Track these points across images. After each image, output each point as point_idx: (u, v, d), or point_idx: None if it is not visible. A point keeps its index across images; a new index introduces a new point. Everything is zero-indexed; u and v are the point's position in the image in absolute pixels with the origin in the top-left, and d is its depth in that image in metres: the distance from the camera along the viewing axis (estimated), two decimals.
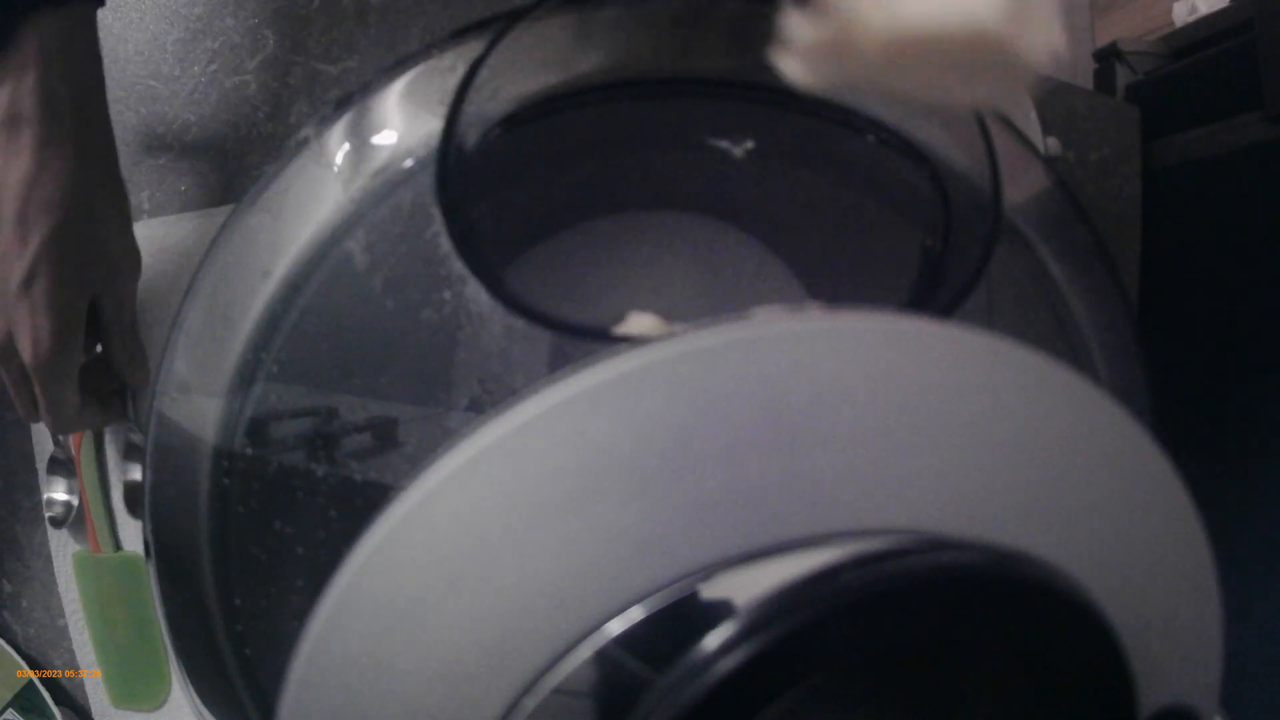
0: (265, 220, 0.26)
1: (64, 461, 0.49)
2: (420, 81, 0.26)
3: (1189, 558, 0.21)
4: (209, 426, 0.26)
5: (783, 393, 0.17)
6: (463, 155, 0.23)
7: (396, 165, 0.25)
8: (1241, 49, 0.50)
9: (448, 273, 0.23)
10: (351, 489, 0.25)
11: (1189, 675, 0.21)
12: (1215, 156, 0.52)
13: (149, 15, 0.50)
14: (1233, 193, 0.52)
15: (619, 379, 0.17)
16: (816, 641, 0.16)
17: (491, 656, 0.17)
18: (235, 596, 0.26)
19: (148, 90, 0.50)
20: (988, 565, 0.18)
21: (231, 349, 0.26)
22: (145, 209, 0.50)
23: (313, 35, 0.49)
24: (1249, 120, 0.49)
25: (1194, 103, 0.55)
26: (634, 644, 0.17)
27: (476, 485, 0.17)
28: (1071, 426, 0.19)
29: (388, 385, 0.26)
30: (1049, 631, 0.18)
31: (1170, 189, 0.54)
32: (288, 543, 0.25)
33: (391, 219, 0.25)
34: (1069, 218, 0.29)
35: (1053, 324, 0.28)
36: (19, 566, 0.51)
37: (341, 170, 0.26)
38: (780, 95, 0.27)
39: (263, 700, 0.26)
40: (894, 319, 0.19)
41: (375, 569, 0.18)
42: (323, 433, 0.26)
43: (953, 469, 0.18)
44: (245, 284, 0.26)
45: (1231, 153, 0.51)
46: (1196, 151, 0.53)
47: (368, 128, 0.26)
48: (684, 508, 0.17)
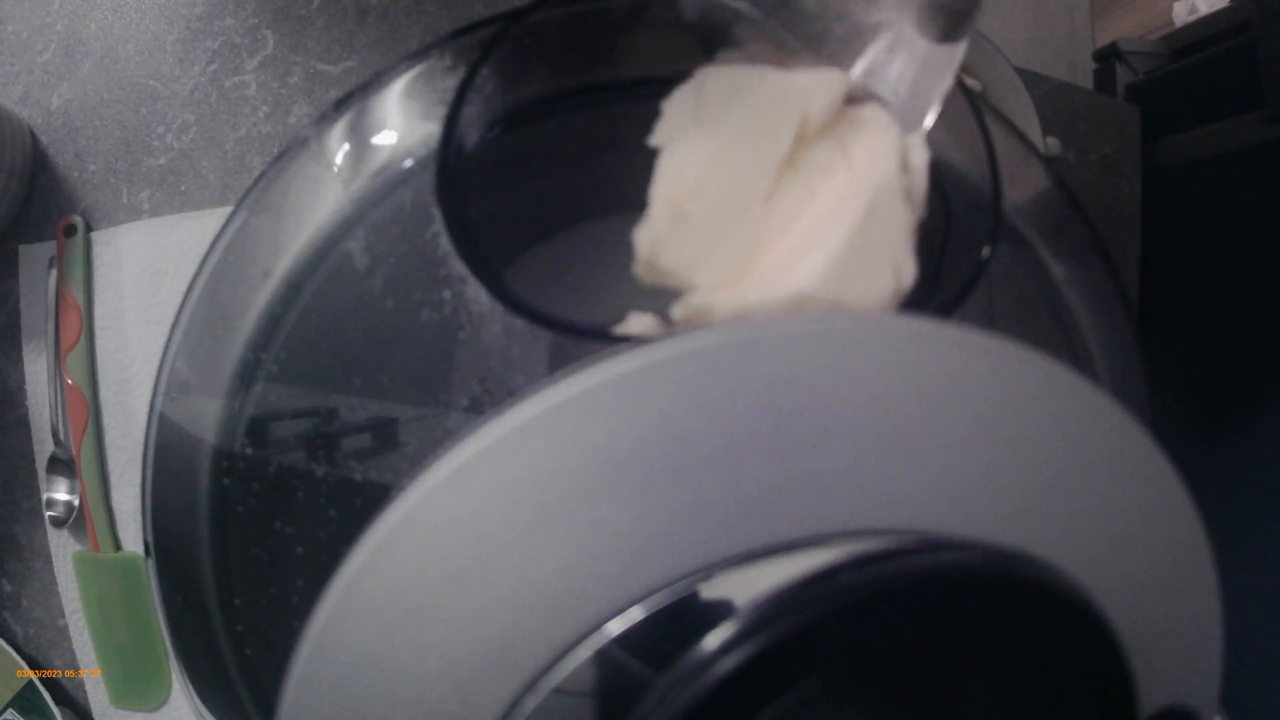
0: (265, 220, 0.26)
1: (64, 461, 0.49)
2: (420, 81, 0.26)
3: (1189, 558, 0.21)
4: (209, 426, 0.26)
5: (782, 393, 0.17)
6: (463, 155, 0.23)
7: (396, 165, 0.25)
8: (1241, 49, 0.50)
9: (448, 273, 0.23)
10: (351, 489, 0.25)
11: (1189, 675, 0.21)
12: (1215, 156, 0.52)
13: (149, 15, 0.50)
14: (1233, 192, 0.52)
15: (619, 379, 0.17)
16: (816, 641, 0.16)
17: (491, 656, 0.17)
18: (235, 596, 0.26)
19: (148, 90, 0.50)
20: (988, 565, 0.18)
21: (231, 349, 0.26)
22: (145, 209, 0.50)
23: (313, 35, 0.49)
24: (1249, 120, 0.49)
25: (1194, 103, 0.55)
26: (634, 644, 0.17)
27: (476, 485, 0.17)
28: (1071, 427, 0.19)
29: (388, 385, 0.26)
30: (1049, 631, 0.18)
31: (1170, 189, 0.54)
32: (288, 543, 0.25)
33: (391, 219, 0.25)
34: (1069, 218, 0.29)
35: (1053, 324, 0.28)
36: (19, 566, 0.51)
37: (341, 170, 0.26)
38: None
39: (263, 700, 0.26)
40: (894, 319, 0.19)
41: (375, 569, 0.18)
42: (323, 433, 0.26)
43: (952, 469, 0.18)
44: (245, 284, 0.26)
45: (1231, 153, 0.51)
46: (1196, 151, 0.53)
47: (368, 128, 0.26)
48: (684, 508, 0.17)
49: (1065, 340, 0.28)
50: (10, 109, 0.50)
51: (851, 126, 0.21)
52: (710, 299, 0.20)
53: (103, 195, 0.50)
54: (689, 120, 0.22)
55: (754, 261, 0.20)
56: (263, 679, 0.26)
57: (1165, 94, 0.60)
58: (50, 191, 0.51)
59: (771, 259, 0.20)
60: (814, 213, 0.20)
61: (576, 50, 0.26)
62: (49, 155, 0.51)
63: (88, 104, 0.51)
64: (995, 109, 0.28)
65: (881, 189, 0.20)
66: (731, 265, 0.20)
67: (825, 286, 0.19)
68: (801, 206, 0.20)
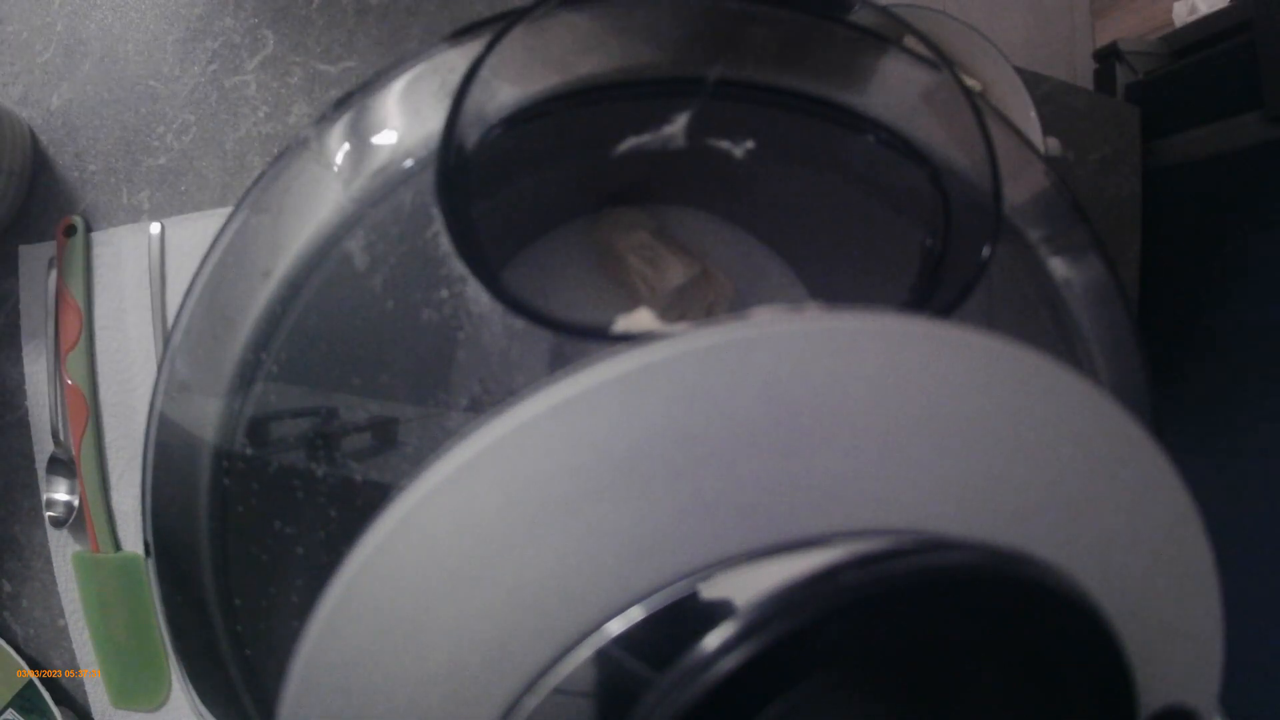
0: (265, 220, 0.26)
1: (64, 461, 0.49)
2: (420, 81, 0.26)
3: (1189, 558, 0.21)
4: (209, 426, 0.26)
5: (783, 392, 0.17)
6: (463, 155, 0.23)
7: (396, 165, 0.25)
8: (1241, 49, 0.50)
9: (448, 273, 0.23)
10: (351, 489, 0.25)
11: (1189, 675, 0.21)
12: (1215, 156, 0.52)
13: (149, 15, 0.50)
14: (1233, 193, 0.52)
15: (619, 379, 0.17)
16: (816, 641, 0.16)
17: (491, 656, 0.17)
18: (235, 596, 0.26)
19: (148, 90, 0.50)
20: (988, 565, 0.18)
21: (231, 349, 0.26)
22: (145, 209, 0.50)
23: (313, 35, 0.49)
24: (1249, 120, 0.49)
25: (1194, 103, 0.55)
26: (634, 644, 0.17)
27: (477, 485, 0.17)
28: (1072, 427, 0.19)
29: (388, 385, 0.26)
30: (1049, 631, 0.18)
31: (1170, 189, 0.54)
32: (288, 543, 0.25)
33: (391, 219, 0.25)
34: (1069, 218, 0.28)
35: (1053, 324, 0.28)
36: (19, 566, 0.51)
37: (341, 170, 0.26)
38: (780, 95, 0.27)
39: (263, 700, 0.26)
40: (894, 319, 0.19)
41: (375, 569, 0.18)
42: (323, 433, 0.26)
43: (952, 469, 0.18)
44: (245, 284, 0.26)
45: (1231, 153, 0.51)
46: (1196, 151, 0.53)
47: (368, 128, 0.26)
48: (684, 507, 0.17)
49: (1065, 340, 0.28)
50: (10, 109, 0.50)
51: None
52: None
53: (103, 195, 0.50)
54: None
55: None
56: (263, 679, 0.26)
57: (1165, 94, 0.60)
58: (50, 191, 0.51)
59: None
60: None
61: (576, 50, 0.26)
62: (49, 155, 0.51)
63: (88, 104, 0.51)
64: (995, 109, 0.28)
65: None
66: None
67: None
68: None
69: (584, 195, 0.36)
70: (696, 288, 0.36)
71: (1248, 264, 0.50)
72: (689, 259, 0.36)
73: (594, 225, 0.37)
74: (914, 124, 0.27)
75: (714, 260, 0.37)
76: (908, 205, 0.29)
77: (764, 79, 0.27)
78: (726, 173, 0.29)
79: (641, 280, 0.36)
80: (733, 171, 0.28)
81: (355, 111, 0.26)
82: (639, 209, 0.37)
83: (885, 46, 0.27)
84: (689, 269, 0.36)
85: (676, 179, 0.35)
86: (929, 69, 0.26)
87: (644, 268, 0.36)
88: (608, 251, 0.36)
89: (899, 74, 0.27)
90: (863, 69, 0.27)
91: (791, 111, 0.28)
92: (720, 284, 0.37)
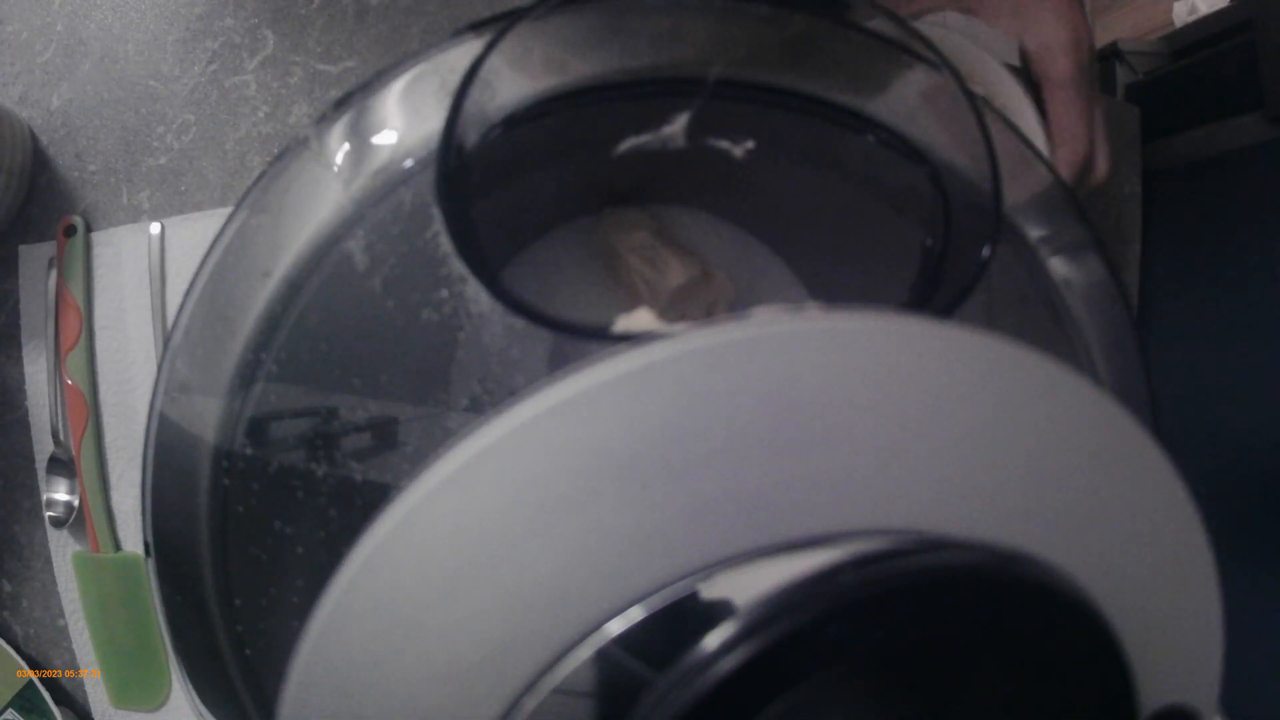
0: (265, 220, 0.26)
1: (64, 461, 0.49)
2: (420, 81, 0.26)
3: (1189, 558, 0.21)
4: (209, 426, 0.26)
5: (783, 392, 0.17)
6: (463, 155, 0.23)
7: (396, 165, 0.25)
8: (1241, 49, 0.50)
9: (448, 273, 0.23)
10: (351, 489, 0.25)
11: (1189, 675, 0.21)
12: (1215, 156, 0.52)
13: (149, 15, 0.50)
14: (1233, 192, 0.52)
15: (619, 379, 0.17)
16: (816, 641, 0.16)
17: (491, 656, 0.17)
18: (235, 596, 0.26)
19: (148, 90, 0.50)
20: (988, 565, 0.18)
21: (231, 349, 0.26)
22: (145, 209, 0.50)
23: (313, 35, 0.49)
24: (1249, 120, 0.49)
25: (1194, 103, 0.55)
26: (634, 644, 0.17)
27: (476, 485, 0.17)
28: (1072, 427, 0.19)
29: (388, 385, 0.26)
30: (1049, 631, 0.18)
31: (1170, 189, 0.54)
32: (288, 543, 0.25)
33: (391, 219, 0.25)
34: (1069, 218, 0.28)
35: (1053, 324, 0.28)
36: (19, 566, 0.51)
37: (341, 170, 0.26)
38: (780, 95, 0.27)
39: (263, 700, 0.26)
40: (894, 319, 0.19)
41: (375, 569, 0.18)
42: (323, 433, 0.26)
43: (953, 469, 0.18)
44: (245, 284, 0.26)
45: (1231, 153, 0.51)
46: (1196, 151, 0.53)
47: (368, 128, 0.26)
48: (684, 507, 0.17)
49: (1065, 340, 0.28)
50: (10, 109, 0.50)
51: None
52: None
53: (103, 195, 0.50)
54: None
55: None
56: (263, 679, 0.26)
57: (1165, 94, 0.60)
58: (50, 191, 0.51)
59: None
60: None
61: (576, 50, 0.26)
62: (49, 155, 0.51)
63: (88, 104, 0.51)
64: (995, 109, 0.28)
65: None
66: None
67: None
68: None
69: (584, 195, 0.36)
70: (696, 288, 0.36)
71: (1248, 264, 0.50)
72: (689, 259, 0.36)
73: (594, 225, 0.37)
74: (914, 124, 0.27)
75: (714, 260, 0.37)
76: (908, 205, 0.29)
77: (764, 79, 0.27)
78: (726, 173, 0.29)
79: (641, 280, 0.36)
80: (733, 171, 0.28)
81: (355, 111, 0.26)
82: (639, 209, 0.37)
83: (885, 47, 0.27)
84: (689, 269, 0.36)
85: (677, 179, 0.35)
86: (929, 69, 0.26)
87: (644, 268, 0.36)
88: (608, 251, 0.36)
89: (899, 74, 0.27)
90: (863, 69, 0.27)
91: (791, 111, 0.28)
92: (720, 284, 0.37)
